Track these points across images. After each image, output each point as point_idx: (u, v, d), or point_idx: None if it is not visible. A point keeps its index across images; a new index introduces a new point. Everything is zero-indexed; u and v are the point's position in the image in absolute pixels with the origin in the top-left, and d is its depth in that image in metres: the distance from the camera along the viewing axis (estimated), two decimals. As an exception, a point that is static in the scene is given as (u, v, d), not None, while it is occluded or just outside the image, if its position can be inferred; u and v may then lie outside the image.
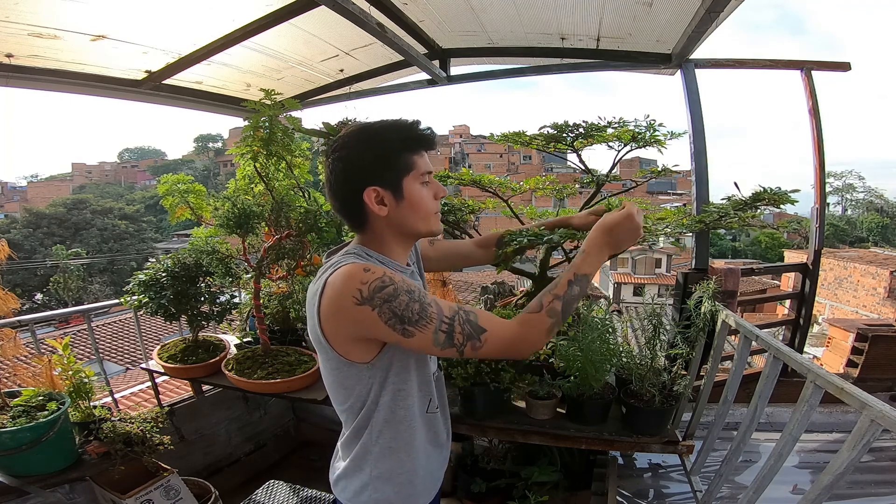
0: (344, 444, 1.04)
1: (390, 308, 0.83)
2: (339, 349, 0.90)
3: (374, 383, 0.94)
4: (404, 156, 0.94)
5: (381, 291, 0.83)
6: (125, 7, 1.85)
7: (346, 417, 1.01)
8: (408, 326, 0.84)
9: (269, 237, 2.01)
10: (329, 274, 0.88)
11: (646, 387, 1.60)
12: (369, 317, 0.84)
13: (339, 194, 0.97)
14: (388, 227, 0.97)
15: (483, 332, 0.89)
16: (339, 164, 0.95)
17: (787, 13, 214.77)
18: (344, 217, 1.00)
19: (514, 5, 2.19)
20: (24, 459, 1.60)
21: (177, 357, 2.17)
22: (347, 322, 0.86)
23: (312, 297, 0.90)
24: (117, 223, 28.25)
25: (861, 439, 1.03)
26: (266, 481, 2.11)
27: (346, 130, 0.98)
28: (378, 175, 0.93)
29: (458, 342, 0.87)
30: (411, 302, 0.85)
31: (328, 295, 0.86)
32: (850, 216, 40.05)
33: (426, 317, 0.85)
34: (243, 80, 2.79)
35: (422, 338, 0.85)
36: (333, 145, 0.97)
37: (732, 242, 35.59)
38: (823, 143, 2.83)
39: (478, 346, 0.88)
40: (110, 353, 9.36)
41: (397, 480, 1.00)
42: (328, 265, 0.94)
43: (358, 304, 0.83)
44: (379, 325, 0.84)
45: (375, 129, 0.96)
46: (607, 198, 2.27)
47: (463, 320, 0.88)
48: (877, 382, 3.02)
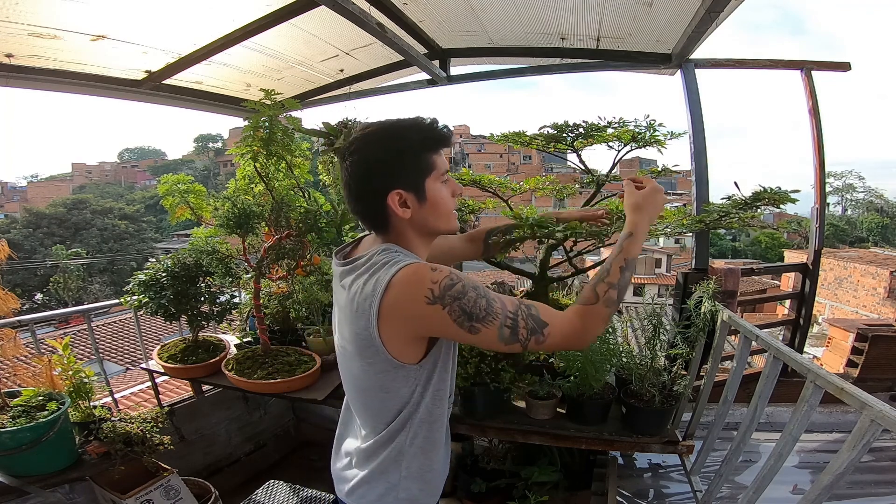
0: (368, 451, 0.99)
1: (460, 306, 0.83)
2: (393, 350, 0.88)
3: (418, 384, 0.93)
4: (425, 156, 0.94)
5: (451, 289, 0.83)
6: (125, 7, 1.85)
7: (378, 422, 0.97)
8: (475, 323, 0.84)
9: (269, 237, 2.01)
10: (391, 273, 0.84)
11: (646, 387, 1.60)
12: (439, 315, 0.83)
13: (360, 197, 0.95)
14: (411, 228, 0.97)
15: (545, 325, 0.88)
16: (360, 167, 0.93)
17: (787, 13, 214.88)
18: (365, 219, 0.98)
19: (514, 5, 2.19)
20: (24, 459, 1.60)
21: (177, 357, 2.17)
22: (414, 321, 0.85)
23: (368, 298, 0.85)
24: (117, 223, 28.25)
25: (861, 439, 1.03)
26: (266, 481, 2.12)
27: (362, 131, 0.95)
28: (401, 177, 0.93)
29: (523, 337, 0.86)
30: (478, 298, 0.84)
31: (395, 294, 0.83)
32: (850, 216, 40.05)
33: (492, 313, 0.85)
34: (243, 80, 2.79)
35: (487, 333, 0.85)
36: (351, 146, 0.94)
37: (732, 242, 35.60)
38: (823, 143, 2.83)
39: (541, 340, 0.88)
40: (110, 353, 9.36)
41: (424, 479, 1.00)
42: (375, 263, 0.89)
43: (430, 304, 0.82)
44: (447, 323, 0.83)
45: (396, 130, 0.94)
46: (607, 198, 2.27)
47: (526, 315, 0.87)
48: (877, 382, 3.02)
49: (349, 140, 0.96)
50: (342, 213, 2.24)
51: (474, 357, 1.61)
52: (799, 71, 2.75)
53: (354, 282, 0.91)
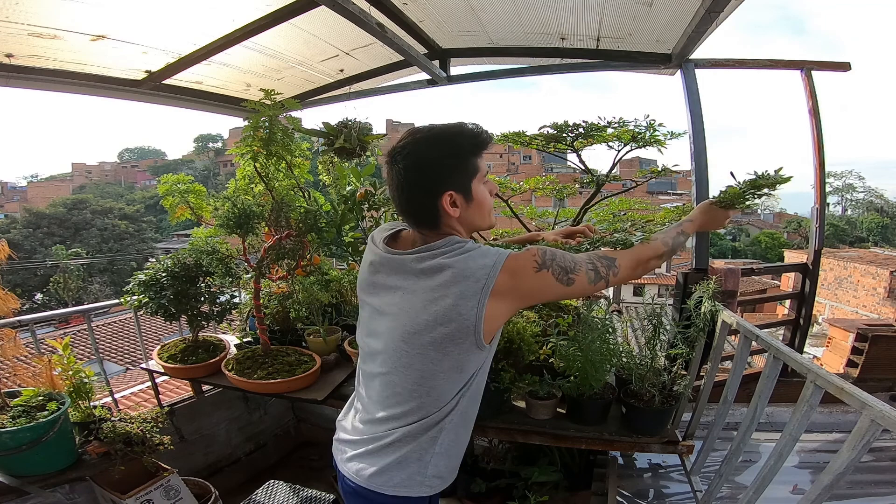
0: (407, 438, 1.02)
1: (559, 265, 0.99)
2: (487, 329, 0.96)
3: (482, 364, 1.04)
4: (472, 160, 1.03)
5: (546, 255, 0.98)
6: (125, 7, 1.85)
7: (434, 403, 1.02)
8: (570, 275, 0.99)
9: (269, 237, 2.01)
10: (504, 256, 0.96)
11: (646, 387, 1.60)
12: (546, 279, 0.97)
13: (413, 199, 1.02)
14: (458, 225, 1.05)
15: (614, 259, 1.07)
16: (415, 170, 1.00)
17: (787, 13, 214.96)
18: (415, 218, 1.05)
19: (514, 5, 2.19)
20: (24, 459, 1.60)
21: (177, 357, 2.17)
22: (526, 293, 0.98)
23: (480, 280, 0.94)
24: (117, 223, 28.23)
25: (861, 439, 1.03)
26: (266, 481, 2.12)
27: (413, 135, 1.02)
28: (453, 180, 1.01)
29: (604, 273, 1.04)
30: (564, 255, 1.00)
31: (511, 272, 0.95)
32: (850, 216, 40.02)
33: (578, 262, 1.01)
34: (243, 80, 2.79)
35: (580, 280, 1.00)
36: (404, 150, 1.00)
37: (732, 242, 35.58)
38: (823, 143, 2.83)
39: (616, 271, 1.06)
40: (110, 353, 9.36)
41: (451, 454, 1.07)
42: (465, 249, 0.98)
43: (538, 271, 0.97)
44: (552, 284, 0.98)
45: (448, 136, 1.02)
46: (608, 197, 2.27)
47: (597, 257, 1.06)
48: (877, 382, 3.02)
49: (399, 144, 1.02)
50: (342, 213, 2.25)
51: (474, 357, 1.61)
52: (799, 71, 2.75)
53: (456, 265, 0.96)
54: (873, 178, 77.88)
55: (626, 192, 2.35)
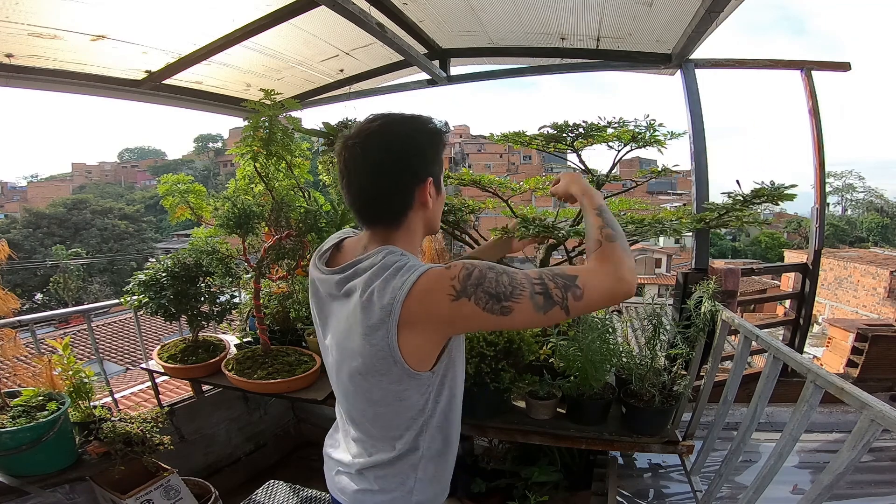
0: (379, 462, 0.95)
1: (484, 291, 0.78)
2: (410, 360, 0.83)
3: (431, 391, 0.90)
4: (443, 154, 0.96)
5: (471, 278, 0.78)
6: (125, 7, 1.85)
7: (393, 432, 0.93)
8: (505, 303, 0.78)
9: (269, 237, 2.01)
10: (412, 279, 0.79)
11: (646, 387, 1.60)
12: (467, 309, 0.78)
13: (388, 183, 0.88)
14: (423, 222, 0.95)
15: (575, 278, 0.82)
16: (397, 148, 0.87)
17: (787, 13, 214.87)
18: (381, 210, 0.91)
19: (513, 5, 2.19)
20: (24, 459, 1.60)
21: (177, 357, 2.17)
22: (440, 325, 0.82)
23: (386, 307, 0.79)
24: (117, 223, 28.22)
25: (861, 439, 1.03)
26: (266, 481, 2.11)
27: (381, 117, 0.90)
28: (433, 167, 0.92)
29: (558, 297, 0.79)
30: (499, 276, 0.79)
31: (418, 301, 0.79)
32: (850, 216, 40.02)
33: (518, 285, 0.79)
34: (243, 80, 2.79)
35: (522, 308, 0.78)
36: (380, 130, 0.88)
37: (732, 242, 35.58)
38: (823, 143, 2.83)
39: (578, 294, 0.80)
40: (110, 353, 9.36)
41: (439, 480, 0.99)
42: (386, 266, 0.83)
43: (455, 300, 0.78)
44: (477, 314, 0.78)
45: (424, 121, 0.92)
46: (608, 197, 2.27)
47: (550, 275, 0.82)
48: (877, 382, 3.02)
49: (370, 124, 0.89)
50: (342, 213, 2.24)
51: (474, 357, 1.61)
52: (799, 71, 2.75)
53: (364, 289, 0.83)
54: (873, 178, 78.09)
55: (626, 192, 2.35)
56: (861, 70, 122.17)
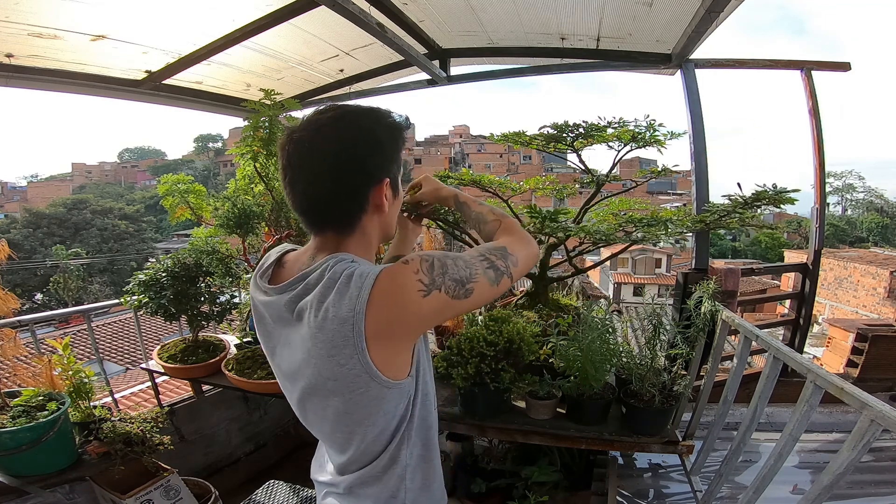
0: (367, 481, 0.87)
1: (451, 277, 0.75)
2: (390, 372, 0.76)
3: (411, 394, 0.84)
4: (402, 152, 0.88)
5: (435, 269, 0.74)
6: (125, 7, 1.85)
7: (374, 448, 0.85)
8: (468, 284, 0.76)
9: (269, 237, 2.01)
10: (368, 286, 0.71)
11: (646, 387, 1.60)
12: (440, 301, 0.74)
13: (339, 183, 0.78)
14: (378, 227, 0.87)
15: (505, 248, 0.86)
16: (351, 144, 0.78)
17: (787, 13, 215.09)
18: (330, 214, 0.81)
19: (513, 5, 2.19)
20: (24, 459, 1.60)
21: (177, 357, 2.17)
22: (413, 327, 0.76)
23: (347, 322, 0.71)
24: (117, 223, 28.23)
25: (861, 439, 1.03)
26: (266, 481, 2.11)
27: (337, 108, 0.82)
28: (392, 166, 0.84)
29: (503, 267, 0.82)
30: (455, 260, 0.77)
31: (382, 309, 0.71)
32: (850, 216, 40.02)
33: (472, 265, 0.79)
34: (243, 80, 2.79)
35: (480, 286, 0.78)
36: (334, 121, 0.79)
37: (732, 242, 35.58)
38: (823, 143, 2.83)
39: (515, 260, 0.85)
40: (110, 353, 9.36)
41: (431, 489, 0.93)
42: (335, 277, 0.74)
43: (426, 295, 0.72)
44: (449, 303, 0.75)
45: (383, 114, 0.83)
46: (608, 197, 2.27)
47: (488, 249, 0.85)
48: (877, 382, 3.02)
49: (323, 115, 0.80)
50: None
51: (474, 357, 1.61)
52: (799, 71, 2.75)
53: (317, 307, 0.74)
54: (873, 178, 78.16)
55: (626, 192, 2.35)
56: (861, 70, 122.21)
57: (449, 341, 1.76)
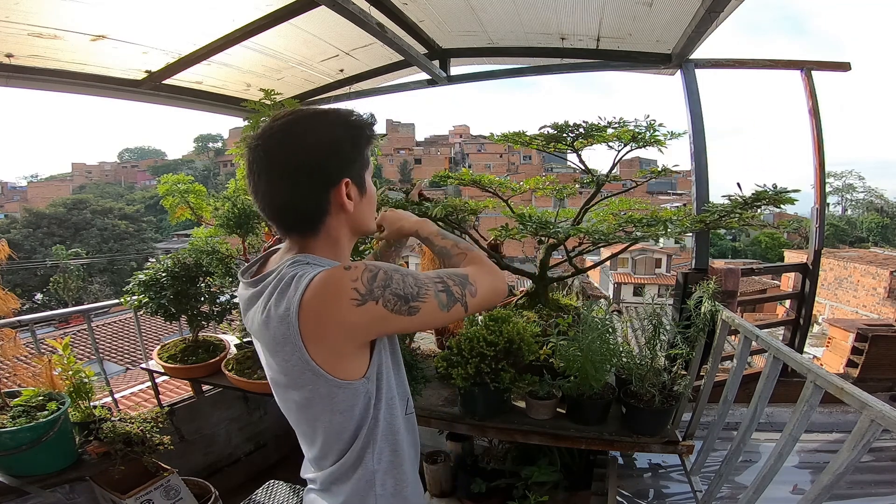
0: (337, 479, 0.88)
1: (392, 292, 0.75)
2: (334, 370, 0.77)
3: (371, 396, 0.83)
4: (366, 150, 0.88)
5: (377, 280, 0.74)
6: (125, 7, 1.85)
7: (338, 446, 0.87)
8: (412, 303, 0.76)
9: (269, 237, 2.01)
10: (301, 289, 0.73)
11: (646, 387, 1.60)
12: (375, 313, 0.74)
13: (295, 189, 0.80)
14: (346, 226, 0.87)
15: (468, 276, 0.85)
16: (302, 150, 0.79)
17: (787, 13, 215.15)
18: (292, 218, 0.84)
19: (513, 5, 2.19)
20: (24, 459, 1.60)
21: (177, 357, 2.17)
22: (348, 332, 0.75)
23: (283, 322, 0.74)
24: (117, 223, 28.23)
25: (861, 439, 1.03)
26: (266, 481, 2.11)
27: (292, 112, 0.83)
28: (354, 165, 0.84)
29: (458, 294, 0.81)
30: (405, 277, 0.77)
31: (314, 310, 0.72)
32: (850, 216, 40.02)
33: (423, 285, 0.78)
34: (243, 80, 2.79)
35: (428, 307, 0.78)
36: (284, 127, 0.80)
37: (732, 242, 35.58)
38: (823, 143, 2.83)
39: (473, 290, 0.83)
40: (110, 353, 9.35)
41: (401, 492, 0.92)
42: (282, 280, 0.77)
43: (360, 304, 0.73)
44: (387, 317, 0.75)
45: (343, 115, 0.85)
46: (608, 197, 2.27)
47: (447, 274, 0.83)
48: (877, 382, 3.02)
49: (277, 121, 0.82)
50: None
51: (474, 357, 1.61)
52: (799, 71, 2.75)
53: (266, 305, 0.78)
54: (873, 178, 78.15)
55: (626, 192, 2.35)
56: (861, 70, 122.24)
57: (449, 341, 1.76)
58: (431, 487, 2.18)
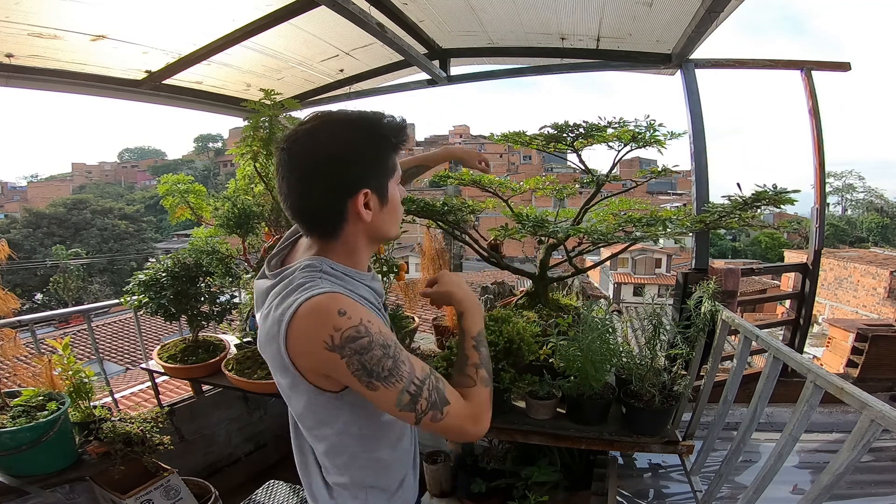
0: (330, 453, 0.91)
1: (360, 361, 0.74)
2: (310, 379, 0.80)
3: (345, 410, 0.86)
4: (392, 156, 0.86)
5: (355, 343, 0.74)
6: (125, 7, 1.85)
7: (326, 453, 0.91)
8: (374, 381, 0.75)
9: (269, 237, 2.01)
10: (297, 303, 0.75)
11: (646, 387, 1.60)
12: (336, 363, 0.75)
13: (315, 195, 0.81)
14: (364, 234, 0.87)
15: (447, 404, 0.80)
16: (324, 159, 0.80)
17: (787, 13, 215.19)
18: (311, 222, 0.85)
19: (513, 5, 2.19)
20: (24, 459, 1.60)
21: (177, 357, 2.17)
22: (316, 361, 0.77)
23: (275, 324, 0.77)
24: (117, 223, 28.24)
25: (861, 439, 1.03)
26: (266, 481, 2.11)
27: (323, 116, 0.83)
28: (373, 175, 0.83)
29: (421, 409, 0.77)
30: (384, 358, 0.76)
31: (295, 332, 0.75)
32: (850, 216, 40.02)
33: (396, 375, 0.76)
34: (243, 80, 2.79)
35: (385, 394, 0.76)
36: (308, 133, 0.81)
37: (732, 242, 35.58)
38: (823, 143, 2.83)
39: (438, 418, 0.79)
40: (110, 353, 9.36)
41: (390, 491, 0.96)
42: (292, 282, 0.80)
43: (328, 349, 0.74)
44: (345, 372, 0.75)
45: (369, 121, 0.84)
46: (608, 197, 2.27)
47: (432, 386, 0.79)
48: (877, 382, 3.02)
49: (303, 126, 0.82)
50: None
51: (474, 357, 1.61)
52: (799, 71, 2.74)
53: (271, 301, 0.80)
54: (873, 178, 78.15)
55: (626, 192, 2.35)
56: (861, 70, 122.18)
57: (449, 341, 1.76)
58: (431, 487, 2.18)
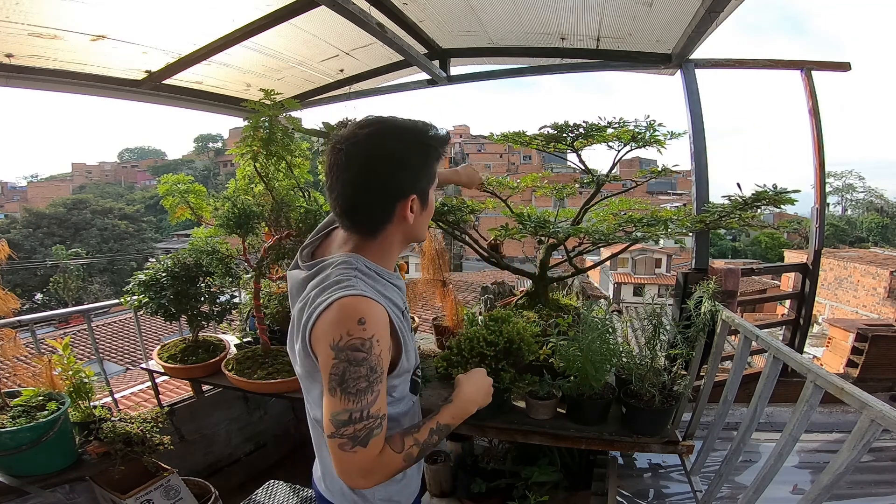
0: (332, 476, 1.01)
1: (344, 369, 0.79)
2: None
3: None
4: (436, 165, 0.92)
5: (352, 352, 0.79)
6: (125, 7, 1.85)
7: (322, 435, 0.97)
8: (338, 389, 0.79)
9: (269, 237, 2.01)
10: (332, 299, 0.81)
11: (646, 387, 1.60)
12: (326, 358, 0.80)
13: (367, 197, 0.86)
14: (401, 234, 0.93)
15: (363, 447, 0.81)
16: (381, 163, 0.85)
17: (787, 13, 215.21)
18: (357, 220, 0.90)
19: (513, 5, 2.19)
20: (24, 459, 1.60)
21: (177, 357, 2.17)
22: (320, 350, 0.83)
23: (310, 313, 0.83)
24: (117, 223, 28.25)
25: (861, 439, 1.03)
26: (266, 481, 2.11)
27: (373, 123, 0.87)
28: (420, 182, 0.89)
29: (344, 432, 0.79)
30: (363, 379, 0.80)
31: (321, 323, 0.81)
32: (850, 216, 40.02)
33: (357, 397, 0.79)
34: (243, 80, 2.79)
35: (334, 403, 0.80)
36: (368, 138, 0.85)
37: (732, 242, 35.58)
38: (823, 143, 2.83)
39: (346, 448, 0.80)
40: (110, 353, 9.35)
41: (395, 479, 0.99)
42: (327, 279, 0.86)
43: (329, 347, 0.80)
44: (325, 368, 0.81)
45: (419, 131, 0.88)
46: (608, 197, 2.27)
47: (371, 426, 0.81)
48: (877, 382, 3.02)
49: (361, 130, 0.86)
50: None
51: (474, 357, 1.61)
52: (799, 71, 2.74)
53: (310, 292, 0.87)
54: (873, 178, 78.15)
55: (626, 192, 2.35)
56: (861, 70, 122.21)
57: (449, 341, 1.76)
58: (431, 487, 2.18)
